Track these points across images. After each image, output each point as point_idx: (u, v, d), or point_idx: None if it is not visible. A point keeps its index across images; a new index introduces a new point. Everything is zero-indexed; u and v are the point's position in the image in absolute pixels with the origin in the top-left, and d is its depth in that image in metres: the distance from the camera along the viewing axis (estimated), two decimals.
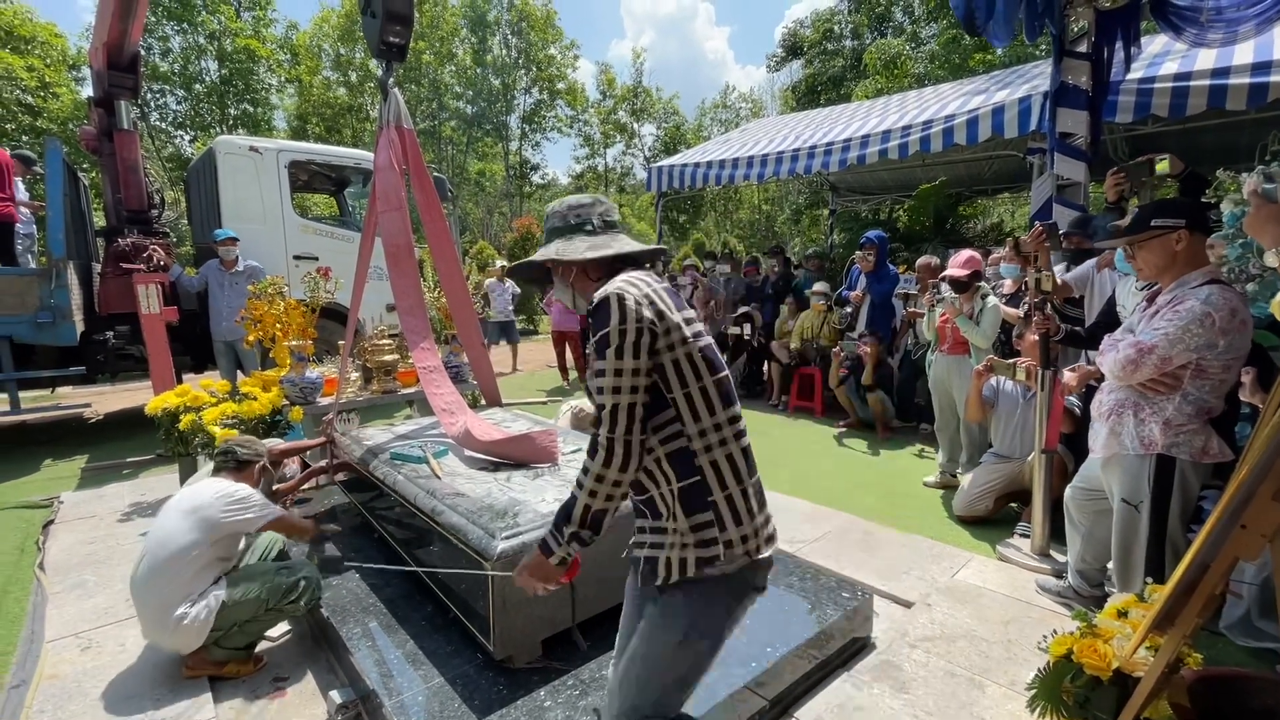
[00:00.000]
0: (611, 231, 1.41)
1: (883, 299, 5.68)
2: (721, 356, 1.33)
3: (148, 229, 5.60)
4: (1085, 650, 1.51)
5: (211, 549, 2.16)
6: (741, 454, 1.30)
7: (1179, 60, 4.65)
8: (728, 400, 1.29)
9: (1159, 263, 2.13)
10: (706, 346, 1.28)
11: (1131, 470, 2.19)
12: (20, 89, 17.42)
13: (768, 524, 1.33)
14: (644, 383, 1.20)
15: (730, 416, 1.29)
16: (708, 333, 1.32)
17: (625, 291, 1.21)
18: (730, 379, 1.31)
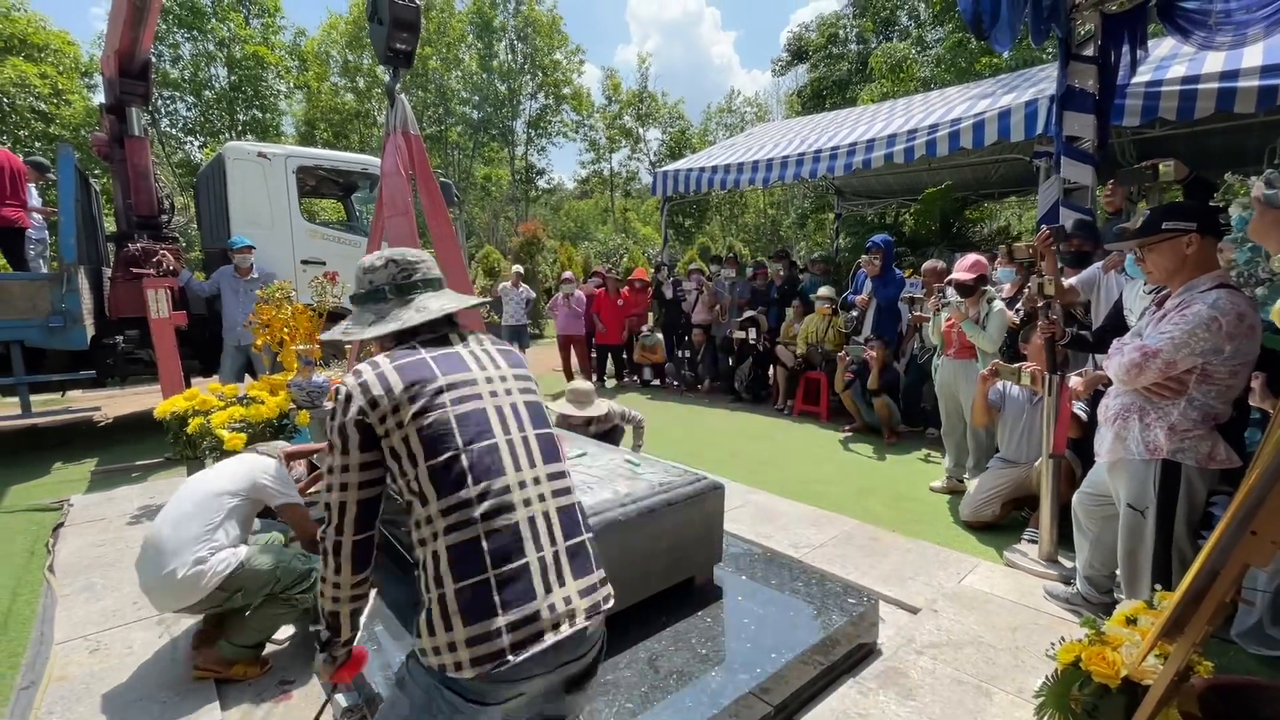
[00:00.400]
0: (404, 296, 1.29)
1: (889, 303, 5.67)
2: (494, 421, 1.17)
3: (157, 234, 5.66)
4: (1094, 658, 1.50)
5: (242, 504, 2.22)
6: (466, 547, 1.09)
7: (1187, 63, 4.63)
8: (452, 486, 1.10)
9: (1169, 266, 2.12)
10: (432, 424, 1.11)
11: (1137, 475, 2.17)
12: (33, 96, 17.64)
13: (519, 629, 1.06)
14: (357, 479, 1.14)
15: (445, 507, 1.09)
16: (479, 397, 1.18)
17: (348, 382, 1.15)
18: (467, 458, 1.11)
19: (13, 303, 4.82)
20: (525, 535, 1.13)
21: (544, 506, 1.18)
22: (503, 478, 1.13)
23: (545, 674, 1.13)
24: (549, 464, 1.21)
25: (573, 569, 1.17)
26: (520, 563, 1.11)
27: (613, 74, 31.86)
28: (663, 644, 2.12)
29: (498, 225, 29.00)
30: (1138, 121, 4.67)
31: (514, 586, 1.09)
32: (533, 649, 1.07)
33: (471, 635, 1.05)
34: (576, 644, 1.15)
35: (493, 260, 16.25)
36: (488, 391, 1.20)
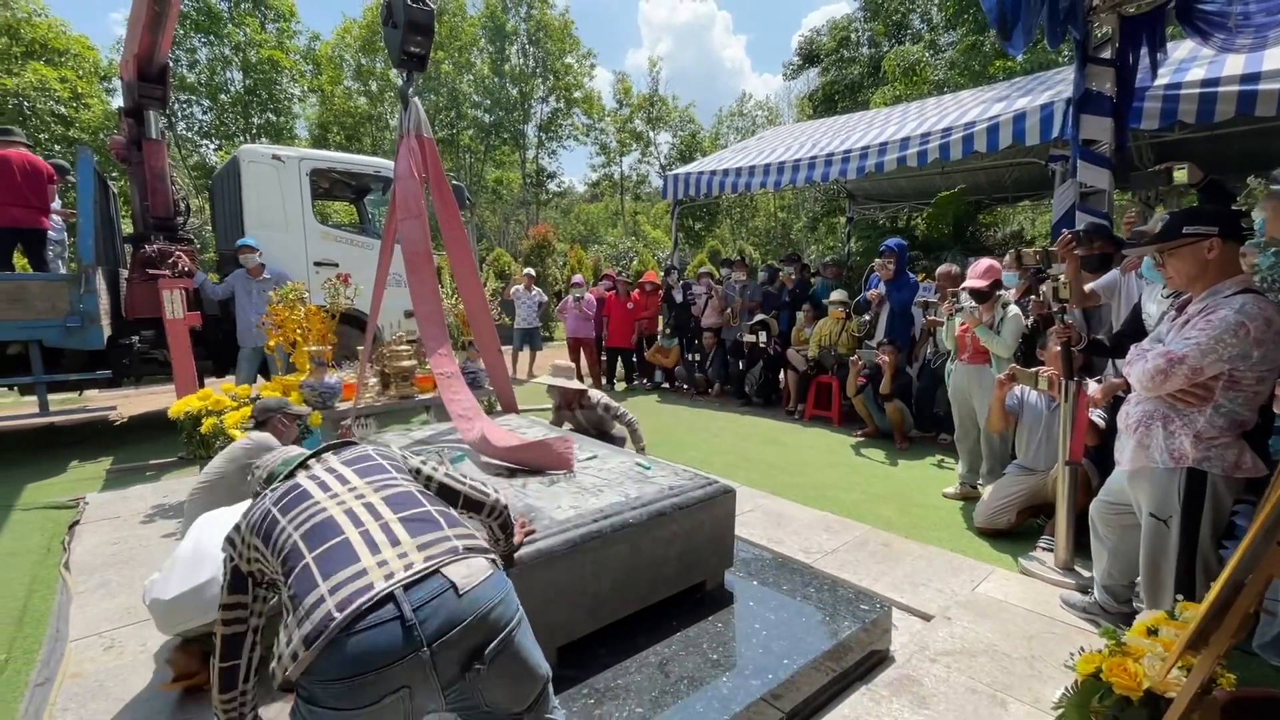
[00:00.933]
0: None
1: (902, 307, 5.62)
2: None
3: (173, 236, 5.73)
4: (1115, 669, 1.47)
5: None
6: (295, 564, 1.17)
7: (1206, 66, 4.57)
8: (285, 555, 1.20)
9: (1190, 271, 2.08)
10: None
11: (1161, 484, 2.13)
12: (54, 100, 17.94)
13: (343, 587, 1.09)
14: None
15: (282, 559, 1.20)
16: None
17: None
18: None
19: (32, 303, 4.89)
20: (342, 521, 1.19)
21: (362, 500, 1.25)
22: (315, 498, 1.27)
23: (416, 650, 1.04)
24: (369, 480, 1.33)
25: (408, 531, 1.18)
26: (339, 538, 1.15)
27: (624, 78, 32.03)
28: (673, 648, 2.11)
29: (508, 228, 29.16)
30: (1156, 125, 4.61)
31: (333, 557, 1.11)
32: (362, 599, 1.03)
33: (301, 617, 1.05)
34: (442, 600, 1.08)
35: (503, 263, 16.32)
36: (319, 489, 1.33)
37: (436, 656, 1.06)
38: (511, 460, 2.68)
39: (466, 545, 1.20)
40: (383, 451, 1.52)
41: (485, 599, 1.13)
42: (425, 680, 1.07)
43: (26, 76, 17.36)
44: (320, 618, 1.03)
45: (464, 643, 1.09)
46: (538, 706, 1.25)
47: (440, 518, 1.26)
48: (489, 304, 3.94)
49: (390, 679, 1.03)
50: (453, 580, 1.12)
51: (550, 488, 2.42)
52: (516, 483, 2.47)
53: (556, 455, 2.64)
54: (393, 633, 1.03)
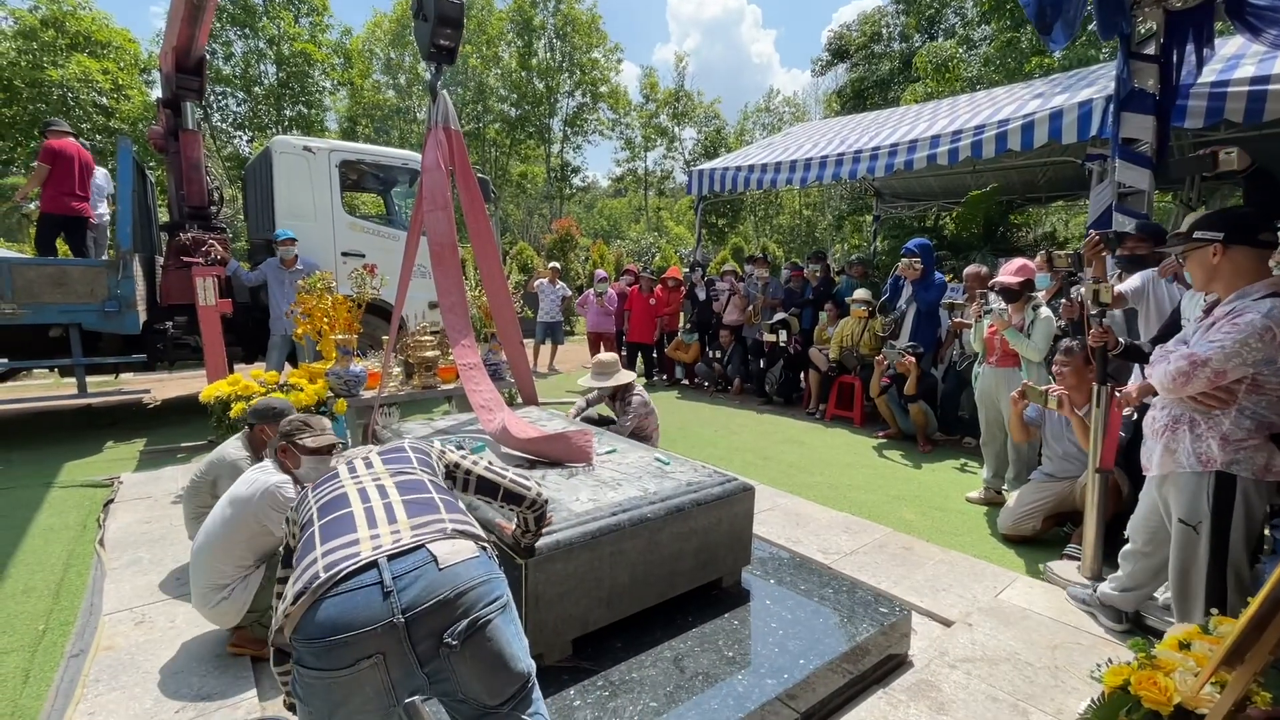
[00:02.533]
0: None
1: (929, 308, 5.53)
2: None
3: (207, 224, 5.86)
4: (1144, 682, 1.43)
5: (247, 541, 2.22)
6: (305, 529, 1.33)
7: (1256, 63, 4.40)
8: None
9: (1199, 275, 2.12)
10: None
11: (1189, 489, 2.08)
12: (96, 91, 18.50)
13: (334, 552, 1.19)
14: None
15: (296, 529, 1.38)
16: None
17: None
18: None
19: (73, 287, 5.04)
20: (353, 497, 1.30)
21: (377, 482, 1.36)
22: (338, 480, 1.39)
23: (389, 618, 1.06)
24: (389, 467, 1.43)
25: (407, 511, 1.26)
26: (345, 511, 1.26)
27: (650, 72, 31.90)
28: (689, 644, 2.10)
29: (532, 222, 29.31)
30: (1201, 124, 4.45)
31: (335, 526, 1.22)
32: (347, 565, 1.10)
33: (296, 576, 1.15)
34: (423, 573, 1.11)
35: (526, 256, 16.43)
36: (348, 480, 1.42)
37: (410, 626, 1.08)
38: (531, 452, 2.70)
39: (457, 528, 1.24)
40: (416, 445, 1.58)
41: (465, 576, 1.15)
42: (400, 651, 1.08)
43: (71, 68, 17.91)
44: (309, 576, 1.11)
45: (438, 615, 1.10)
46: (516, 704, 1.19)
47: (441, 504, 1.32)
48: (511, 297, 3.97)
49: (364, 643, 1.06)
50: (435, 554, 1.16)
51: (569, 480, 2.43)
52: (536, 474, 2.48)
53: (576, 448, 2.65)
54: (370, 597, 1.08)
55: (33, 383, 7.61)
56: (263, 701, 2.07)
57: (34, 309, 4.90)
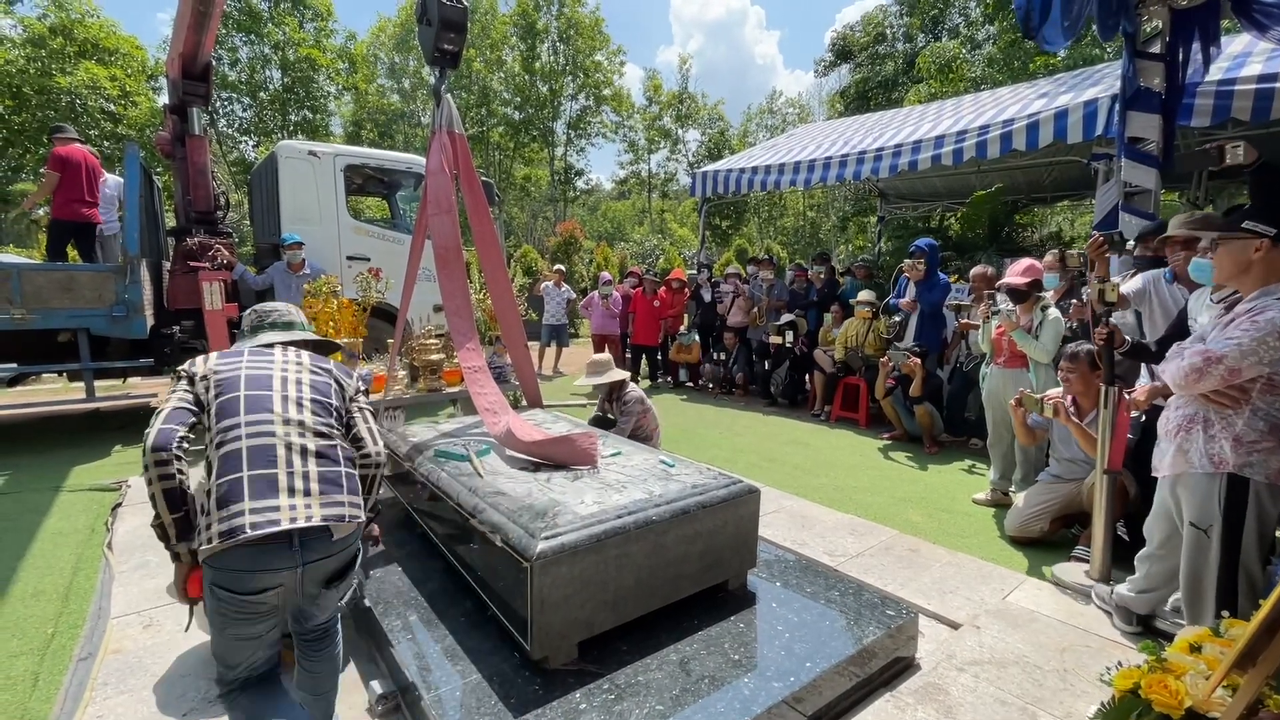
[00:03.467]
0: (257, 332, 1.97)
1: (933, 309, 5.51)
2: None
3: (213, 229, 5.89)
4: (1155, 685, 1.42)
5: None
6: (232, 455, 1.54)
7: (1264, 61, 4.38)
8: (229, 414, 1.60)
9: (1233, 267, 2.04)
10: (224, 380, 1.66)
11: (1200, 490, 2.06)
12: (103, 98, 18.65)
13: (260, 514, 1.46)
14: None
15: (221, 428, 1.58)
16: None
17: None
18: (245, 400, 1.62)
19: (81, 292, 5.08)
20: (280, 455, 1.55)
21: (302, 442, 1.60)
22: (269, 414, 1.60)
23: (294, 568, 1.49)
24: (315, 418, 1.67)
25: (321, 488, 1.55)
26: (272, 471, 1.51)
27: (654, 75, 31.97)
28: (694, 647, 2.10)
29: (536, 225, 29.39)
30: (1208, 123, 4.42)
31: (263, 485, 1.49)
32: (268, 529, 1.43)
33: (223, 514, 1.44)
34: (322, 541, 1.52)
35: (530, 259, 16.46)
36: (279, 368, 1.73)
37: (305, 573, 1.53)
38: (536, 455, 2.70)
39: (350, 513, 1.59)
40: (341, 376, 1.86)
41: (343, 546, 1.60)
42: (294, 586, 1.53)
43: (79, 75, 18.07)
44: (236, 525, 1.42)
45: (323, 569, 1.57)
46: (334, 598, 1.71)
47: (346, 482, 1.63)
48: (516, 300, 3.97)
49: (271, 579, 1.48)
50: (331, 530, 1.54)
51: (574, 483, 2.43)
52: (541, 477, 2.49)
53: (581, 450, 2.65)
54: (283, 553, 1.48)
55: (41, 387, 7.66)
56: None
57: (42, 314, 4.94)
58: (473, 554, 2.36)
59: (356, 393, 1.89)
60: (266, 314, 1.99)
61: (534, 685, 1.90)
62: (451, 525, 2.57)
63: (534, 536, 1.92)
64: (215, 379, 1.65)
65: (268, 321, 1.98)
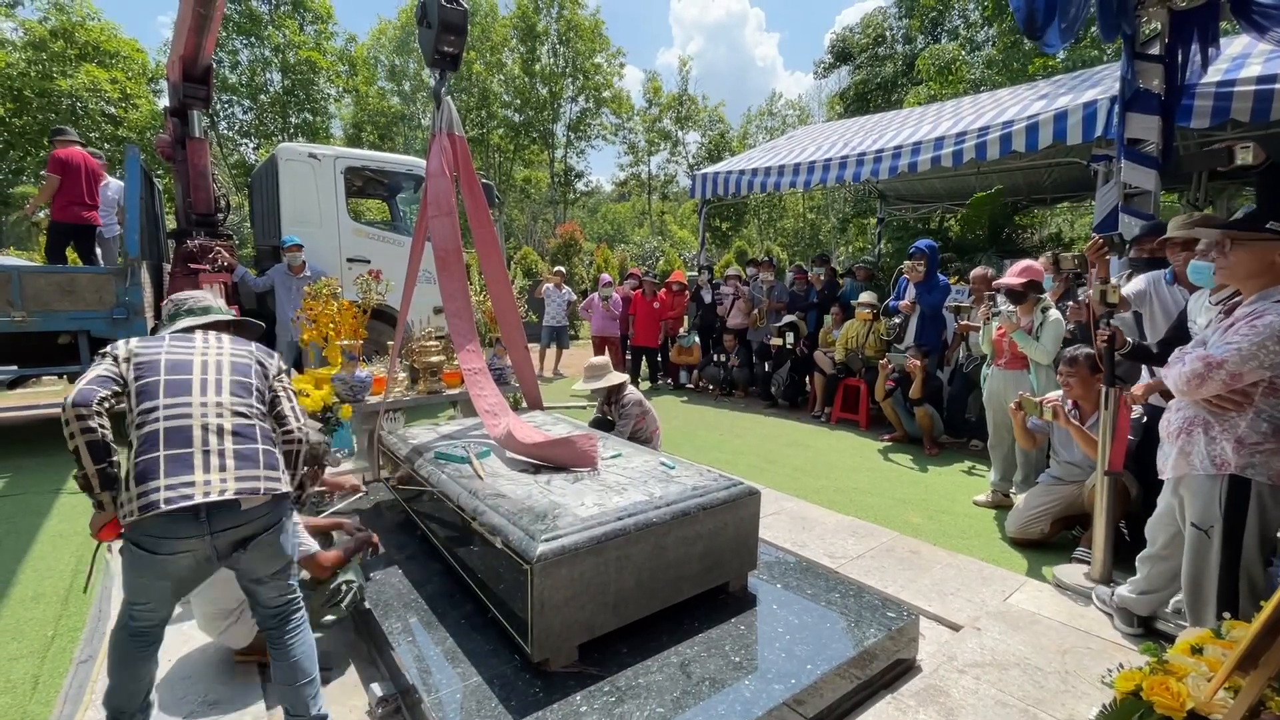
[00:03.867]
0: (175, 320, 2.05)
1: (933, 310, 5.51)
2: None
3: (214, 231, 5.89)
4: (1156, 687, 1.41)
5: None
6: (151, 436, 1.65)
7: (1263, 62, 4.39)
8: (148, 398, 1.69)
9: (1251, 268, 2.00)
10: (145, 364, 1.75)
11: (1202, 492, 2.06)
12: (104, 100, 18.67)
13: (174, 489, 1.58)
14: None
15: (141, 409, 1.68)
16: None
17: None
18: (166, 385, 1.71)
19: (82, 294, 5.08)
20: (196, 436, 1.65)
21: (219, 422, 1.70)
22: (188, 397, 1.70)
23: (201, 536, 1.62)
24: (234, 398, 1.76)
25: (236, 464, 1.66)
26: (188, 450, 1.63)
27: (654, 77, 32.00)
28: (695, 650, 2.10)
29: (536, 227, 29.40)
30: (1207, 124, 4.43)
31: (178, 463, 1.60)
32: (181, 504, 1.56)
33: (141, 490, 1.57)
34: (229, 512, 1.64)
35: (530, 261, 16.47)
36: (199, 352, 1.82)
37: (215, 539, 1.65)
38: (536, 456, 2.70)
39: (267, 486, 1.68)
40: (262, 359, 1.92)
41: (255, 515, 1.69)
42: (205, 550, 1.66)
43: (80, 78, 18.09)
44: (154, 499, 1.56)
45: (233, 535, 1.67)
46: (280, 576, 1.82)
47: (263, 457, 1.73)
48: (516, 302, 3.97)
49: (183, 543, 1.63)
50: (240, 503, 1.65)
51: (574, 485, 2.42)
52: (541, 479, 2.48)
53: (581, 452, 2.64)
54: (191, 521, 1.61)
55: (42, 389, 7.67)
56: (270, 709, 2.07)
57: (43, 316, 4.94)
58: (473, 556, 2.36)
59: (279, 373, 1.96)
60: (182, 302, 2.07)
61: (534, 688, 1.90)
62: (452, 527, 2.57)
63: (534, 539, 1.92)
64: (136, 361, 1.73)
65: (184, 308, 2.06)
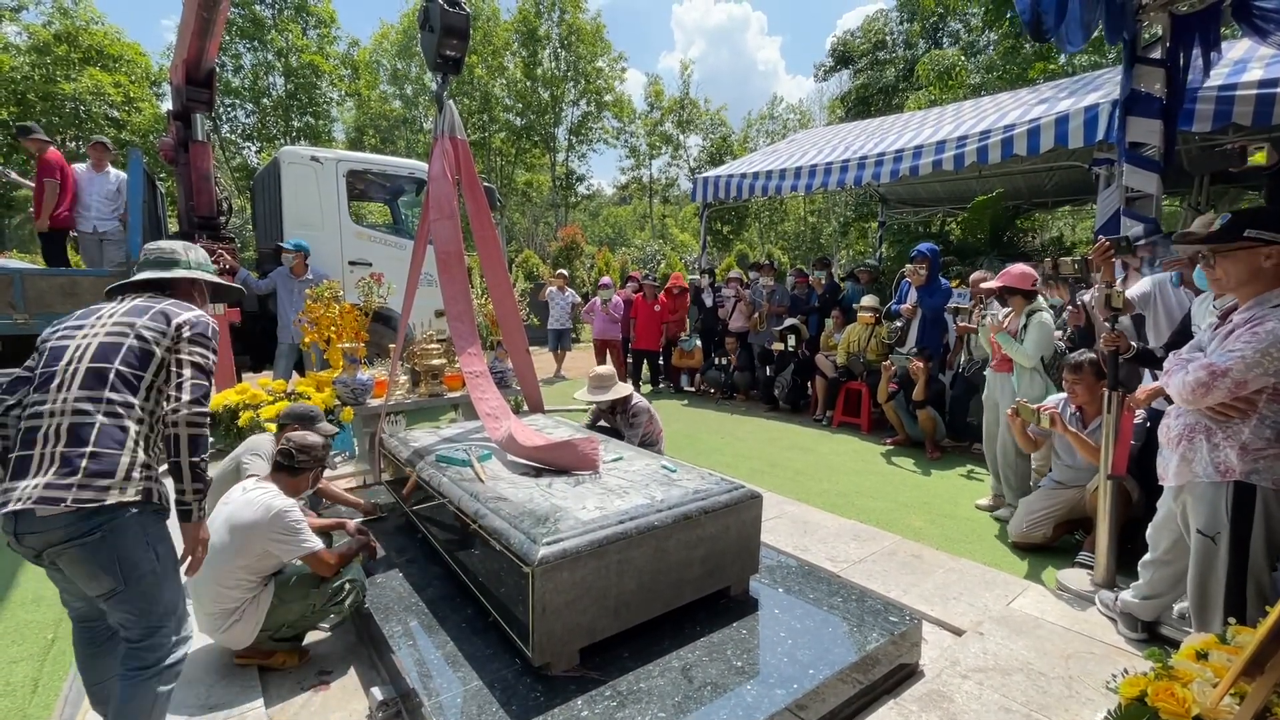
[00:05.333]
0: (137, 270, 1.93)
1: (934, 313, 5.51)
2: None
3: (216, 235, 5.90)
4: (1161, 693, 1.40)
5: (252, 565, 2.17)
6: (15, 435, 1.64)
7: (1265, 66, 4.38)
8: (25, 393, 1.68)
9: (1241, 276, 2.00)
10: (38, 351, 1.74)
11: (1207, 499, 2.05)
12: (108, 104, 18.74)
13: (6, 493, 1.56)
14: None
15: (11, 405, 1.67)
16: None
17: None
18: (38, 378, 1.67)
19: (84, 297, 5.08)
20: (38, 438, 1.59)
21: (59, 421, 1.59)
22: (45, 394, 1.62)
23: (12, 533, 1.56)
24: (81, 391, 1.61)
25: (57, 470, 1.55)
26: (28, 452, 1.58)
27: (655, 80, 32.06)
28: (697, 654, 2.09)
29: (537, 230, 29.44)
30: (1209, 127, 4.42)
31: (18, 466, 1.58)
32: (3, 509, 1.53)
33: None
34: (28, 520, 1.54)
35: (532, 264, 16.49)
36: (81, 334, 1.70)
37: (20, 543, 1.58)
38: (538, 460, 2.69)
39: (76, 496, 1.54)
40: (147, 332, 1.70)
41: (52, 525, 1.55)
42: (26, 554, 1.61)
43: (83, 82, 18.17)
44: None
45: (33, 542, 1.58)
46: (113, 601, 1.63)
47: (87, 462, 1.57)
48: (518, 304, 3.97)
49: (25, 545, 1.59)
50: (36, 513, 1.53)
51: (576, 488, 2.42)
52: (543, 482, 2.48)
53: (582, 456, 2.64)
54: (11, 524, 1.56)
55: None
56: (269, 710, 2.07)
57: (45, 318, 4.95)
58: (474, 559, 2.35)
59: (177, 340, 1.71)
60: (150, 251, 1.92)
61: (535, 692, 1.89)
62: (453, 530, 2.56)
63: (535, 542, 1.91)
64: (39, 349, 1.71)
65: (150, 258, 1.90)
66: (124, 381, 1.64)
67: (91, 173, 6.10)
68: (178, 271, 1.89)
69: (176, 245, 1.95)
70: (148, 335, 1.69)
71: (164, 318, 1.72)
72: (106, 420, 1.60)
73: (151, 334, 1.69)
